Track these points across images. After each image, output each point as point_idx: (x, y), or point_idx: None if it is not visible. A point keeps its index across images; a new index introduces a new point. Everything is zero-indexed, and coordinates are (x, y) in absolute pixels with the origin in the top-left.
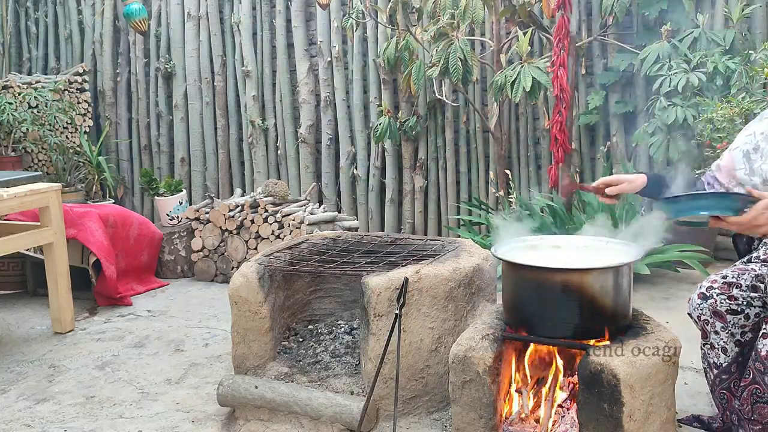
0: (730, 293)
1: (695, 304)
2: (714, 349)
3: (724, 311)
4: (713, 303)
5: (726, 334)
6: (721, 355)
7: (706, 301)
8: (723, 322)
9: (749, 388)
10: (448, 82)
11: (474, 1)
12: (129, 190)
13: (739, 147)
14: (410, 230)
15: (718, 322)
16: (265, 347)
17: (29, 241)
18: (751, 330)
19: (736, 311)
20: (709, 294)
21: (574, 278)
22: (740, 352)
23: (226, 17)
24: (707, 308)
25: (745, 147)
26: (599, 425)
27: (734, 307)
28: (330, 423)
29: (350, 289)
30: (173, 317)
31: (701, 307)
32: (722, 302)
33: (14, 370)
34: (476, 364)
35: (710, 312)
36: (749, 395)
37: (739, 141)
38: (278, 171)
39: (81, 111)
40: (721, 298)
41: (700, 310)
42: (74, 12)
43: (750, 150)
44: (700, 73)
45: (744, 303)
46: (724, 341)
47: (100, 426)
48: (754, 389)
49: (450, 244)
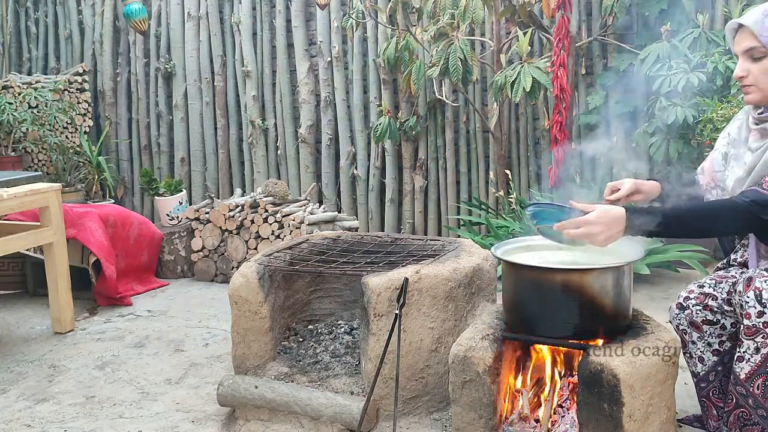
0: (705, 303)
1: (674, 313)
2: (692, 358)
3: (700, 321)
4: (689, 313)
5: (702, 344)
6: (699, 364)
7: (683, 312)
8: (699, 332)
9: (735, 412)
10: (448, 82)
11: (474, 1)
12: (129, 190)
13: (718, 149)
14: (410, 230)
15: (695, 332)
16: (265, 347)
17: (29, 241)
18: (729, 339)
19: (713, 321)
20: (686, 304)
21: (574, 278)
22: (719, 361)
23: (226, 17)
24: (684, 318)
25: (723, 149)
26: (599, 425)
27: (710, 318)
28: (330, 423)
29: (350, 289)
30: (173, 317)
31: (679, 317)
32: (698, 313)
33: (14, 370)
34: (476, 364)
35: (687, 322)
36: (736, 419)
37: (719, 143)
38: (278, 171)
39: (81, 111)
40: (697, 309)
41: (678, 320)
42: (74, 12)
43: (726, 152)
44: (700, 73)
45: (719, 313)
46: (701, 351)
47: (100, 426)
48: (740, 413)
49: (450, 244)
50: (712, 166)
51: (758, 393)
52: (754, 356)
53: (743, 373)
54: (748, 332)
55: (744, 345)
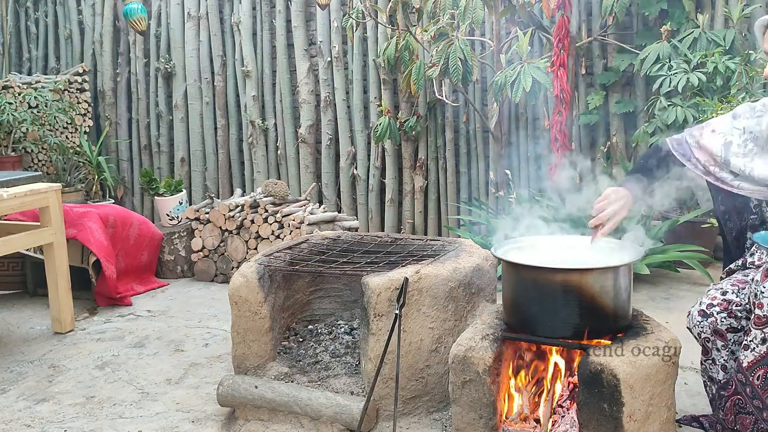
0: (729, 310)
1: (695, 320)
2: (715, 364)
3: (725, 330)
4: (713, 321)
5: (726, 351)
6: (721, 372)
7: (707, 320)
8: (723, 341)
9: (732, 398)
10: (448, 82)
11: (474, 1)
12: (129, 190)
13: (723, 134)
14: (410, 230)
15: (719, 340)
16: (265, 347)
17: (29, 241)
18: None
19: (737, 329)
20: (710, 312)
21: (574, 278)
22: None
23: (226, 17)
24: (708, 326)
25: (729, 138)
26: (599, 425)
27: (735, 325)
28: (330, 423)
29: (350, 289)
30: (173, 317)
31: (701, 324)
32: (723, 320)
33: (14, 370)
34: (476, 364)
35: (711, 330)
36: (732, 405)
37: (722, 128)
38: (278, 171)
39: (81, 111)
40: (722, 317)
41: (700, 327)
42: (74, 12)
43: (731, 141)
44: (700, 73)
45: (744, 318)
46: (725, 359)
47: (100, 426)
48: (737, 400)
49: (450, 244)
50: (712, 150)
51: (758, 384)
52: (759, 346)
53: (746, 362)
54: (758, 322)
55: (752, 334)
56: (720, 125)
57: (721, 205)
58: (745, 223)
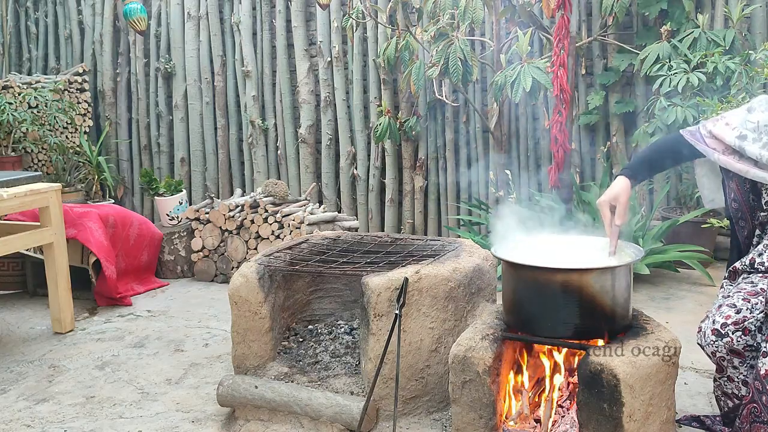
0: (744, 327)
1: (709, 339)
2: (733, 381)
3: (742, 349)
4: (729, 342)
5: (745, 368)
6: (743, 387)
7: (722, 339)
8: (741, 358)
9: (749, 406)
10: (448, 82)
11: (474, 1)
12: (129, 190)
13: (736, 127)
14: (410, 230)
15: (736, 358)
16: (265, 347)
17: (29, 241)
18: None
19: (753, 347)
20: (725, 332)
21: (574, 278)
22: None
23: (226, 17)
24: (723, 346)
25: (743, 132)
26: (599, 425)
27: (751, 342)
28: (330, 423)
29: (350, 289)
30: (173, 317)
31: (716, 344)
32: (738, 339)
33: (14, 370)
34: (476, 364)
35: (727, 350)
36: (748, 414)
37: (735, 122)
38: (278, 171)
39: (81, 111)
40: (737, 336)
41: (714, 347)
42: (74, 12)
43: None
44: (700, 73)
45: (757, 331)
46: (744, 375)
47: (100, 426)
48: (752, 408)
49: (450, 244)
50: (725, 138)
51: None
52: None
53: (764, 369)
54: None
55: None
56: (734, 119)
57: (734, 202)
58: (757, 221)
